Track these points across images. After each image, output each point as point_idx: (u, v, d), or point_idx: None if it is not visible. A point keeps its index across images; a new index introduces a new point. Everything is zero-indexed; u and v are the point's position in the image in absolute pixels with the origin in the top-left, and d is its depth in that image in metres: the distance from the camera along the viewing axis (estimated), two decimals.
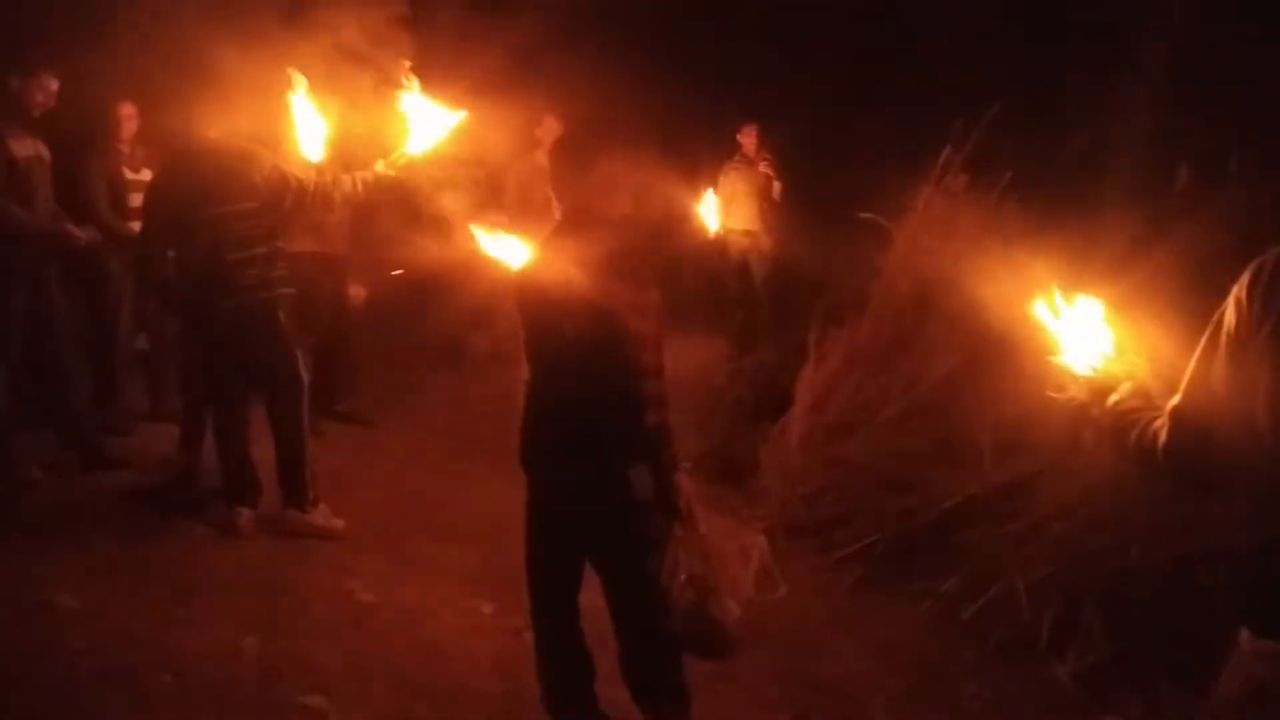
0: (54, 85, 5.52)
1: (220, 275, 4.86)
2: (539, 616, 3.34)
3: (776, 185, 9.20)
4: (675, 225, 5.62)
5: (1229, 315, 1.93)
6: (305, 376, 5.13)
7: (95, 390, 6.26)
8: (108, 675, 3.77)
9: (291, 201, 4.92)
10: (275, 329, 4.99)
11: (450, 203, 5.76)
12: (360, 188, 5.02)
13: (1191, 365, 2.00)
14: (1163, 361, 2.34)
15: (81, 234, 5.77)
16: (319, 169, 5.01)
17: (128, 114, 6.28)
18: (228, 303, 4.89)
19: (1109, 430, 2.25)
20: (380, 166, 4.95)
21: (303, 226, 5.61)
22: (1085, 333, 2.45)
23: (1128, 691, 4.04)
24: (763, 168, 9.20)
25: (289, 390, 5.06)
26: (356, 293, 6.62)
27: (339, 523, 5.18)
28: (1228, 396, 1.92)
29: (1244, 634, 1.97)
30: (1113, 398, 2.27)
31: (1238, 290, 1.92)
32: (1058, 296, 2.53)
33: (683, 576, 3.09)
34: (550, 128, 7.06)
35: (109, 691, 3.68)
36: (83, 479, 5.61)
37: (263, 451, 5.23)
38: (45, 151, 5.63)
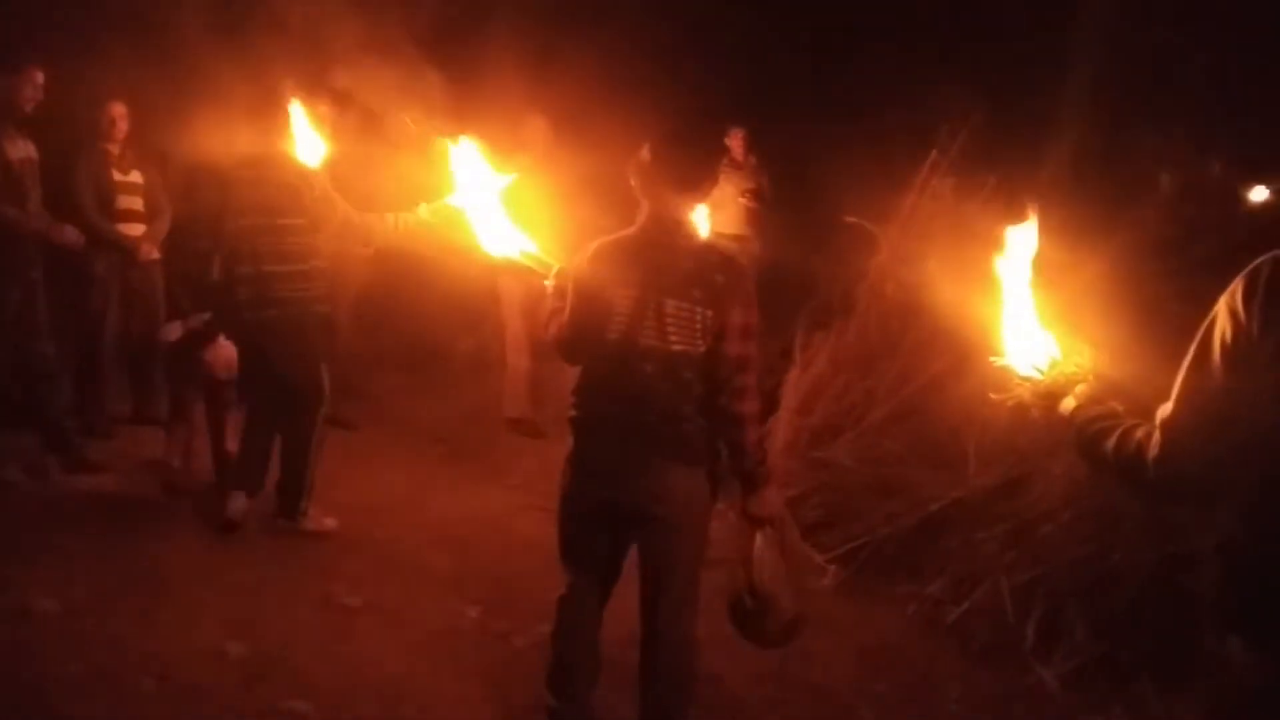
0: (40, 79, 5.50)
1: (257, 285, 4.93)
2: (569, 605, 3.33)
3: (764, 189, 9.19)
4: None
5: (1224, 326, 1.89)
6: (327, 392, 5.16)
7: (78, 393, 6.23)
8: (88, 680, 3.74)
9: (334, 229, 5.00)
10: (304, 343, 5.05)
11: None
12: (400, 230, 5.05)
13: (1181, 376, 1.96)
14: (1108, 364, 2.35)
15: (74, 233, 5.75)
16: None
17: (119, 114, 6.25)
18: (260, 313, 4.96)
19: (1075, 440, 2.23)
20: (423, 212, 4.96)
21: None
22: (1028, 333, 2.45)
23: (1112, 694, 4.05)
24: (750, 173, 9.20)
25: (308, 404, 5.11)
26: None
27: (331, 522, 5.21)
28: (1226, 408, 1.89)
29: (1234, 641, 1.96)
30: (1067, 402, 2.27)
31: (1230, 301, 1.89)
32: (1006, 292, 2.53)
33: (765, 577, 3.15)
34: (536, 128, 7.04)
35: (90, 696, 3.65)
36: (64, 482, 5.58)
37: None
38: (35, 152, 5.61)
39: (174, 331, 5.56)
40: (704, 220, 6.41)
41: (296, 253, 4.95)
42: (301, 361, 5.07)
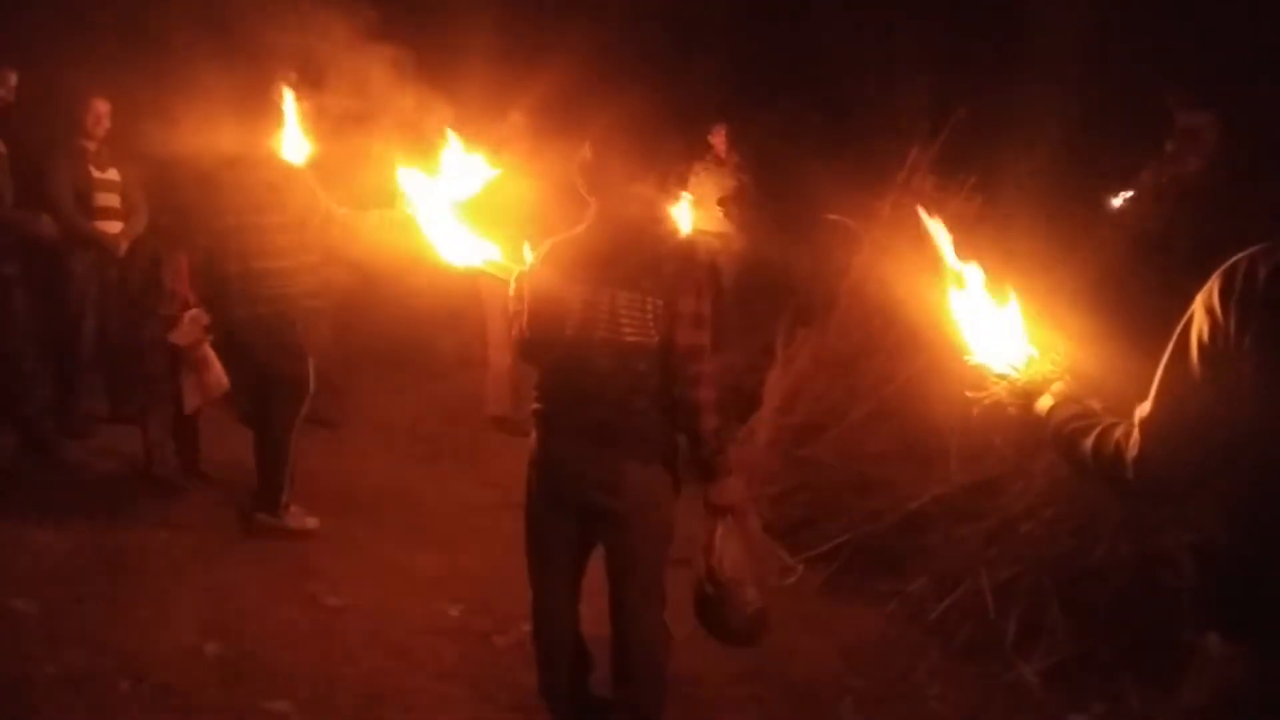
0: (13, 80, 5.46)
1: (247, 283, 4.97)
2: (537, 605, 3.34)
3: (747, 187, 9.20)
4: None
5: (1201, 325, 1.89)
6: (311, 387, 5.17)
7: (55, 392, 6.17)
8: (65, 681, 3.70)
9: (318, 225, 5.03)
10: (290, 339, 5.07)
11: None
12: (384, 226, 5.06)
13: (1160, 375, 1.96)
14: (1084, 362, 2.34)
15: (50, 224, 5.71)
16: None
17: (103, 111, 6.21)
18: (251, 310, 5.00)
19: (1052, 440, 2.23)
20: (403, 205, 4.96)
21: None
22: (1004, 331, 2.45)
23: (1093, 690, 4.06)
24: (732, 171, 9.20)
25: (290, 397, 5.13)
26: None
27: (312, 521, 5.21)
28: (1204, 407, 1.89)
29: (1213, 637, 1.95)
30: (1044, 401, 2.27)
31: (1207, 299, 1.89)
32: (974, 293, 2.53)
33: (727, 565, 3.13)
34: (515, 125, 7.02)
35: (66, 697, 3.62)
36: (40, 481, 5.53)
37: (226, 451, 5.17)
38: (3, 148, 5.56)
39: (185, 336, 5.54)
40: (687, 217, 6.42)
41: (284, 249, 4.97)
42: (289, 357, 5.09)
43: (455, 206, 3.70)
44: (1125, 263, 5.23)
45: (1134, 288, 4.95)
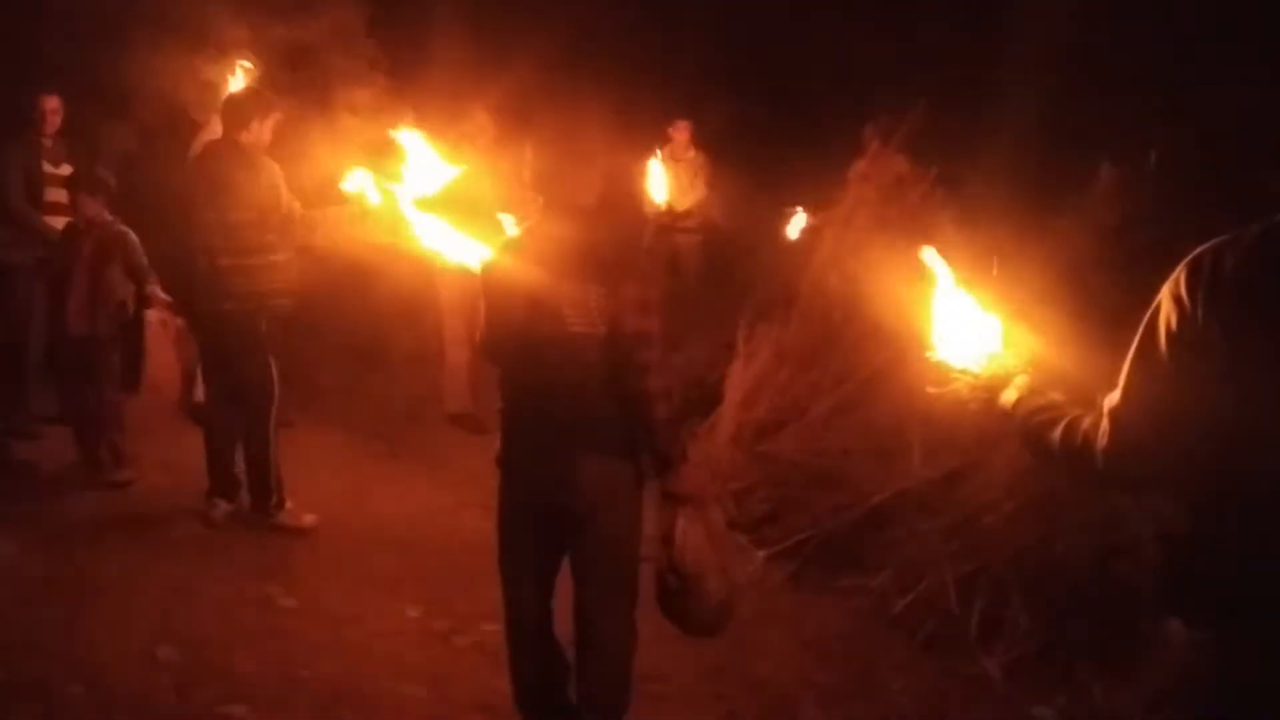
0: None
1: (212, 279, 4.97)
2: (507, 613, 3.28)
3: (703, 178, 9.17)
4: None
5: (1168, 314, 1.89)
6: (276, 385, 5.17)
7: (2, 393, 6.06)
8: (15, 688, 3.63)
9: (279, 220, 5.02)
10: (254, 337, 5.07)
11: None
12: (341, 224, 5.09)
13: (1128, 365, 1.96)
14: (1047, 354, 2.35)
15: None
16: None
17: (53, 108, 6.12)
18: (215, 306, 5.01)
19: (1018, 433, 2.23)
20: (348, 192, 4.95)
21: None
22: (966, 326, 2.44)
23: (1055, 683, 4.07)
24: (691, 165, 9.16)
25: (259, 397, 5.13)
26: None
27: (309, 519, 5.22)
28: (1173, 396, 1.89)
29: (1174, 624, 1.96)
30: (1009, 395, 2.27)
31: (1174, 288, 1.89)
32: (938, 287, 2.52)
33: (689, 556, 3.09)
34: (481, 123, 6.97)
35: (17, 704, 3.55)
36: None
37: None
38: None
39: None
40: (650, 208, 6.39)
41: (251, 246, 4.97)
42: (251, 355, 5.07)
43: (424, 203, 3.68)
44: (1085, 254, 5.26)
45: (1093, 279, 4.99)
